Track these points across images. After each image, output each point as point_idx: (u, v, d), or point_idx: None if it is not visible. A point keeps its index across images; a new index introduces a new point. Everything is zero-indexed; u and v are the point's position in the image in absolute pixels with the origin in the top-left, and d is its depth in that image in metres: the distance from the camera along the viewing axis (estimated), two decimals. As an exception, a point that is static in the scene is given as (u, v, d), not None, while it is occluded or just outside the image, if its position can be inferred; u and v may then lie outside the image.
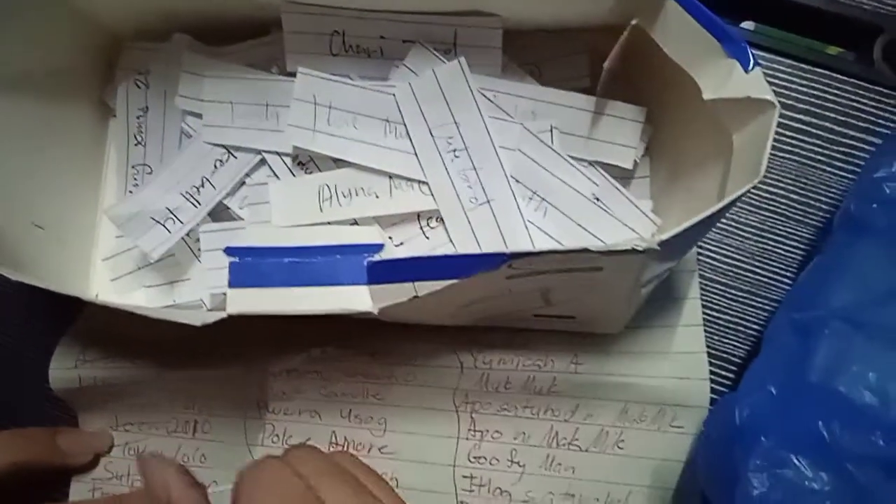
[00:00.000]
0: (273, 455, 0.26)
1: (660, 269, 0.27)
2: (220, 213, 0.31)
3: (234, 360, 0.31)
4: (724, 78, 0.24)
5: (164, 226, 0.30)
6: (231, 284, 0.25)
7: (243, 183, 0.31)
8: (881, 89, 0.32)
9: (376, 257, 0.25)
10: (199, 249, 0.32)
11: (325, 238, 0.26)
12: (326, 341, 0.31)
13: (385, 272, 0.24)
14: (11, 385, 0.34)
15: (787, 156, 0.32)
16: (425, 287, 0.24)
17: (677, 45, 0.25)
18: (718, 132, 0.25)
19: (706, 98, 0.24)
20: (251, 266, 0.25)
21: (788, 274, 0.31)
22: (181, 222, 0.30)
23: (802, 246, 0.31)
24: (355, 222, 0.30)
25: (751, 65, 0.24)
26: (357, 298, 0.25)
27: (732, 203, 0.23)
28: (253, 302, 0.25)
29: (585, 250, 0.22)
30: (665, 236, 0.22)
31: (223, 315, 0.25)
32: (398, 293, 0.24)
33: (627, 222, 0.29)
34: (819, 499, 0.19)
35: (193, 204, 0.30)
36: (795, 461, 0.19)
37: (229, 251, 0.26)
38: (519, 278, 0.25)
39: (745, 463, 0.20)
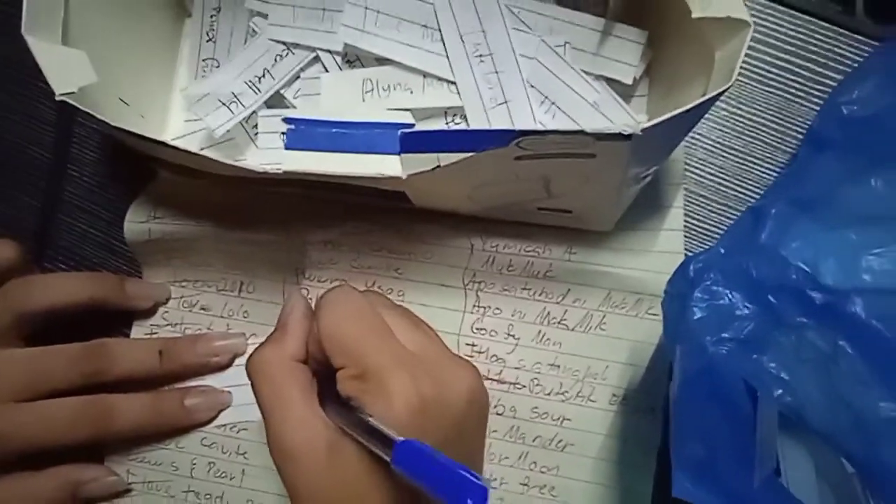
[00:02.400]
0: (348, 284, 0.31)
1: (644, 167, 0.31)
2: (276, 102, 0.37)
3: (279, 228, 0.37)
4: (709, 0, 0.28)
5: (228, 108, 0.35)
6: (286, 147, 0.30)
7: (298, 76, 0.36)
8: (860, 37, 0.36)
9: (408, 134, 0.30)
10: (256, 134, 0.37)
11: (365, 117, 0.31)
12: (360, 217, 0.36)
13: (414, 142, 0.29)
14: (85, 239, 0.39)
15: (771, 90, 0.37)
16: (447, 158, 0.29)
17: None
18: (704, 51, 0.30)
19: (694, 16, 0.29)
20: (304, 132, 0.30)
21: (762, 191, 0.36)
22: (243, 105, 0.35)
23: (777, 169, 0.36)
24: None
25: (732, -10, 0.28)
26: (390, 165, 0.30)
27: (706, 103, 0.27)
28: (304, 163, 0.30)
29: (581, 132, 0.27)
30: (647, 124, 0.27)
31: (279, 172, 0.30)
32: (424, 162, 0.29)
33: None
34: (745, 321, 0.24)
35: (254, 91, 0.36)
36: (730, 294, 0.24)
37: (287, 120, 0.31)
38: (525, 161, 0.30)
39: (691, 298, 0.24)
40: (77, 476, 0.36)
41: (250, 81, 0.36)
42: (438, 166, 0.29)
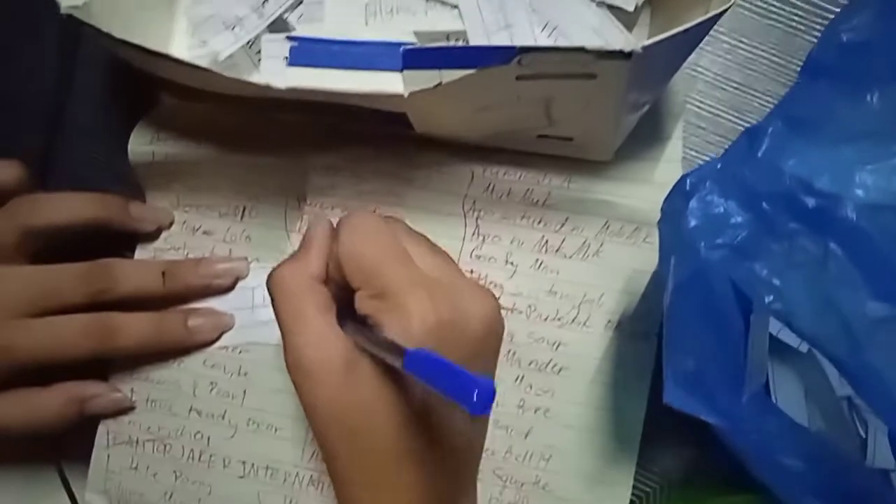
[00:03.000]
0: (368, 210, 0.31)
1: (643, 92, 0.32)
2: (279, 26, 0.37)
3: (281, 153, 0.37)
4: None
5: (232, 31, 0.36)
6: (290, 63, 0.31)
7: (301, 1, 0.36)
8: (863, -30, 0.36)
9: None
10: (259, 59, 0.37)
11: (368, 36, 0.31)
12: (361, 143, 0.37)
13: (417, 58, 0.29)
14: (90, 165, 0.40)
15: (772, 23, 0.37)
16: (449, 75, 0.29)
17: None
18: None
19: (697, -62, 0.29)
20: (307, 49, 0.31)
21: (760, 123, 0.36)
22: (247, 29, 0.36)
23: (776, 101, 0.36)
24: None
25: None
26: (392, 82, 0.30)
27: (706, 23, 0.27)
28: (307, 79, 0.30)
29: (582, 49, 0.27)
30: (647, 42, 0.27)
31: (282, 87, 0.30)
32: (426, 79, 0.29)
33: (624, 51, 0.34)
34: (739, 228, 0.24)
35: (258, 14, 0.36)
36: (724, 203, 0.25)
37: (291, 38, 0.31)
38: (527, 81, 0.30)
39: (686, 207, 0.25)
40: (82, 392, 0.36)
41: (254, 4, 0.36)
42: (440, 83, 0.29)
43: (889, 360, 0.22)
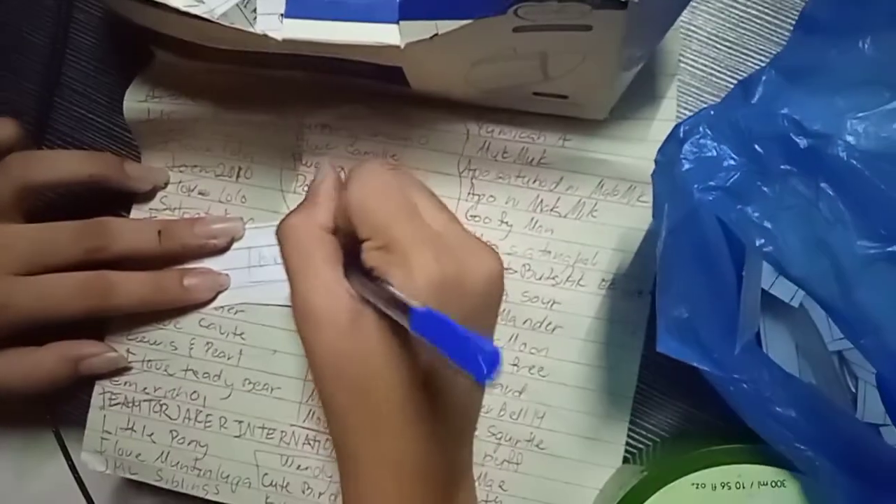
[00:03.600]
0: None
1: (639, 46, 0.32)
2: (275, -17, 0.37)
3: (276, 110, 0.37)
4: None
5: (227, -13, 0.35)
6: (286, 14, 0.31)
7: (297, -42, 0.36)
8: (858, -70, 0.36)
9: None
10: (255, 18, 0.37)
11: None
12: (357, 101, 0.37)
13: (413, 9, 0.29)
14: (84, 123, 0.40)
15: (768, -18, 0.37)
16: (445, 26, 0.29)
17: None
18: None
19: None
20: (303, 1, 0.30)
21: (754, 82, 0.37)
22: (242, -15, 0.35)
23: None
24: None
25: None
26: (389, 33, 0.30)
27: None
28: (303, 31, 0.31)
29: (578, -1, 0.28)
30: (642, -8, 0.27)
31: (279, 39, 0.30)
32: (422, 30, 0.30)
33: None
34: (732, 171, 0.24)
35: (254, -29, 0.36)
36: (717, 147, 0.25)
37: (286, -11, 0.31)
38: (523, 33, 0.30)
39: (680, 152, 0.25)
40: (77, 351, 0.36)
41: (249, -39, 0.36)
42: (436, 34, 0.29)
43: (878, 299, 0.23)
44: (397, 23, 0.30)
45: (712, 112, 0.27)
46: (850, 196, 0.22)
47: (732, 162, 0.24)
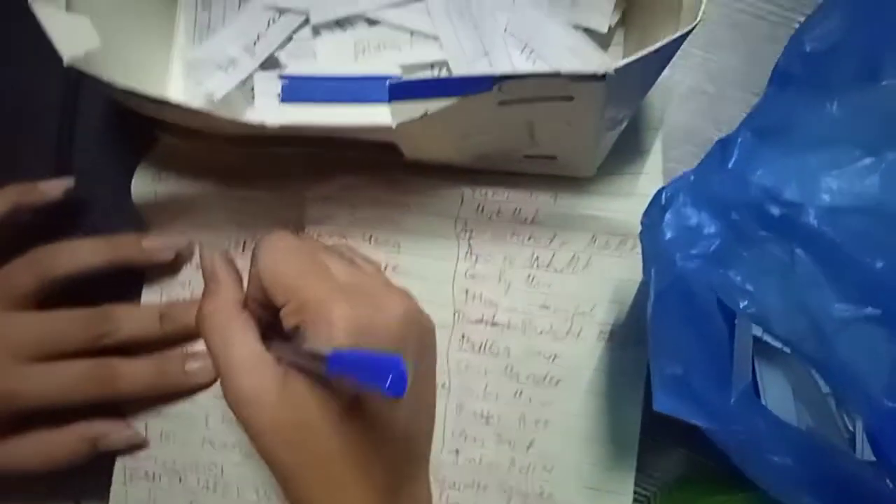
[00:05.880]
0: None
1: (620, 108, 0.33)
2: (271, 63, 0.38)
3: (278, 186, 0.39)
4: (675, -54, 0.30)
5: (225, 71, 0.37)
6: (283, 99, 0.32)
7: (291, 38, 0.38)
8: (826, -19, 0.38)
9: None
10: (253, 96, 0.39)
11: (357, 71, 0.33)
12: (355, 172, 0.38)
13: (403, 90, 0.31)
14: (94, 205, 0.41)
15: (741, 34, 0.38)
16: (434, 105, 0.31)
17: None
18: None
19: (661, -37, 0.31)
20: (299, 85, 0.32)
21: (736, 133, 0.38)
22: (239, 69, 0.37)
23: (749, 109, 0.38)
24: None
25: (696, -65, 0.30)
26: (380, 114, 0.32)
27: (674, 43, 0.29)
28: (299, 115, 0.32)
29: (557, 74, 0.29)
30: (619, 64, 0.28)
31: (276, 125, 0.32)
32: (412, 110, 0.31)
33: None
34: (712, 238, 0.25)
35: (250, 54, 0.37)
36: (698, 215, 0.26)
37: (283, 76, 0.33)
38: (508, 105, 0.31)
39: (662, 220, 0.26)
40: (94, 431, 0.37)
41: (245, 45, 0.37)
42: (426, 113, 0.31)
43: (859, 356, 0.24)
44: (388, 103, 0.31)
45: (692, 178, 0.28)
46: (824, 261, 0.23)
47: (712, 229, 0.25)
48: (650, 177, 0.38)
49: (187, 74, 0.38)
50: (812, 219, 0.24)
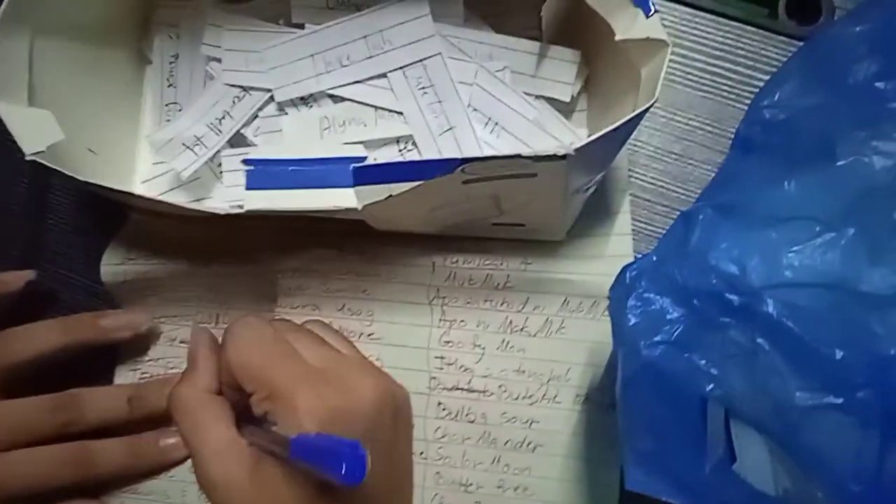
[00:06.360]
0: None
1: (586, 179, 0.33)
2: (238, 140, 0.38)
3: (250, 260, 0.39)
4: (631, 22, 0.30)
5: (192, 150, 0.37)
6: (248, 187, 0.32)
7: (256, 115, 0.38)
8: (784, 38, 0.39)
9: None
10: (221, 172, 0.39)
11: (324, 151, 0.33)
12: (325, 244, 0.38)
13: (366, 175, 0.31)
14: (65, 283, 0.41)
15: (705, 95, 0.39)
16: (398, 188, 0.31)
17: (596, -3, 0.32)
18: (631, 68, 0.32)
19: (617, 39, 0.31)
20: (263, 172, 0.32)
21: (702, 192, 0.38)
22: (206, 147, 0.37)
23: (714, 169, 0.38)
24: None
25: (651, 11, 0.30)
26: (346, 198, 0.32)
27: (632, 121, 0.29)
28: (265, 201, 0.32)
29: (518, 156, 0.29)
30: (578, 145, 0.29)
31: (241, 210, 0.32)
32: (377, 193, 0.31)
33: (563, 141, 0.35)
34: (675, 324, 0.26)
35: (216, 132, 0.37)
36: (660, 300, 0.26)
37: (247, 161, 0.33)
38: (473, 183, 0.31)
39: (626, 304, 0.27)
40: None
41: (211, 124, 0.37)
42: (391, 195, 0.31)
43: (824, 441, 0.24)
44: (353, 187, 0.32)
45: (654, 258, 0.28)
46: (785, 351, 0.23)
47: (676, 314, 0.26)
48: (620, 238, 0.38)
49: (155, 154, 0.38)
50: (772, 308, 0.24)
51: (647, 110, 0.29)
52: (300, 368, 0.31)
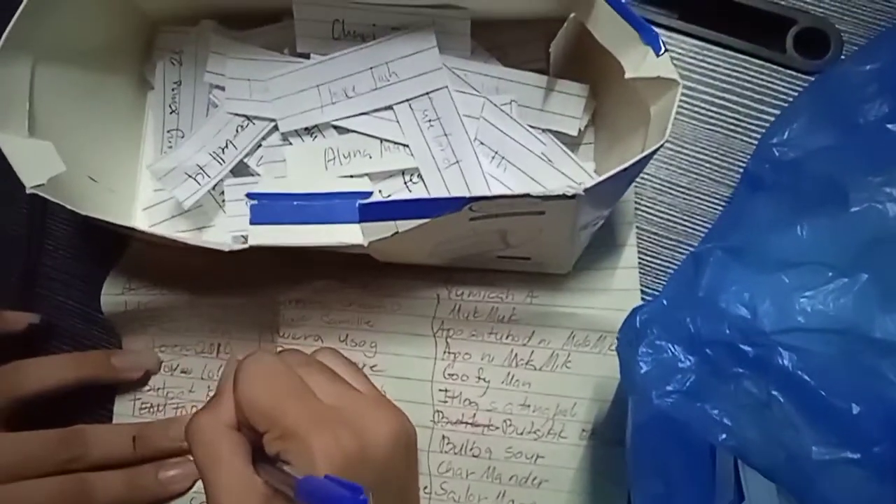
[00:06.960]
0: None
1: (594, 215, 0.33)
2: (240, 170, 0.38)
3: (252, 291, 0.38)
4: (641, 60, 0.30)
5: (195, 179, 0.37)
6: (252, 222, 0.32)
7: (260, 145, 0.37)
8: (791, 72, 0.38)
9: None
10: (224, 201, 0.38)
11: (326, 187, 0.33)
12: (328, 275, 0.38)
13: (372, 212, 0.31)
14: (64, 311, 0.41)
15: (712, 128, 0.39)
16: (405, 225, 0.30)
17: (606, 34, 0.31)
18: (641, 106, 0.32)
19: (627, 77, 0.30)
20: (267, 206, 0.32)
21: (709, 225, 0.38)
22: (209, 176, 0.37)
23: (721, 202, 0.38)
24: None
25: (661, 50, 0.30)
26: (351, 234, 0.31)
27: (643, 160, 0.29)
28: (269, 236, 0.32)
29: (527, 195, 0.29)
30: (589, 184, 0.28)
31: (245, 246, 0.32)
32: (383, 230, 0.31)
33: (571, 176, 0.35)
34: (687, 373, 0.25)
35: (219, 161, 0.37)
36: (672, 348, 0.26)
37: (250, 195, 0.32)
38: (480, 220, 0.31)
39: (637, 351, 0.26)
40: None
41: (214, 153, 0.37)
42: (397, 232, 0.31)
43: (839, 494, 0.23)
44: (358, 223, 0.31)
45: (665, 302, 0.28)
46: (800, 403, 0.23)
47: (687, 363, 0.25)
48: (626, 271, 0.38)
49: (157, 183, 0.38)
50: (786, 360, 0.23)
51: (657, 149, 0.29)
52: (314, 408, 0.30)
